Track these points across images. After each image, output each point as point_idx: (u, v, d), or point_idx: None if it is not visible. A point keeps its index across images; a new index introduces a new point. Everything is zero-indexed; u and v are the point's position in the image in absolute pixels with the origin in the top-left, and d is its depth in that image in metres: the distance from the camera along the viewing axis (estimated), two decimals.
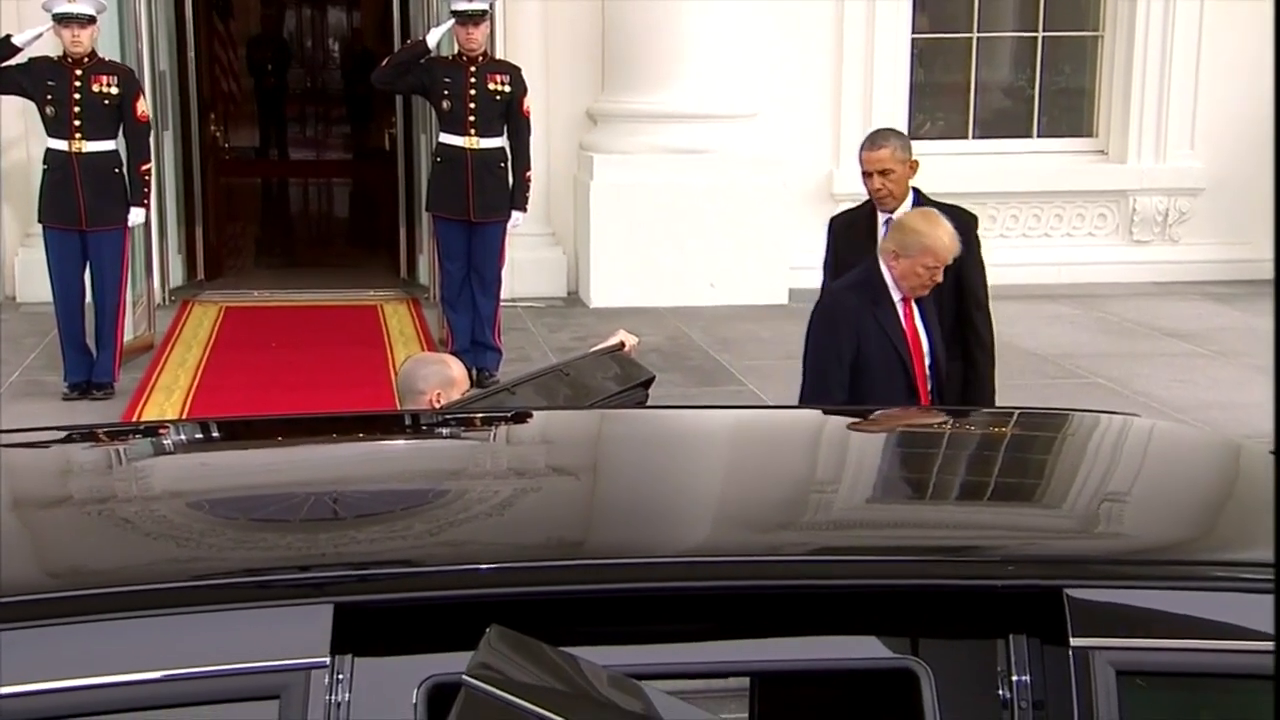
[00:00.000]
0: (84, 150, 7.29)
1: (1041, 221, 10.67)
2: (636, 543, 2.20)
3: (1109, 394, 7.41)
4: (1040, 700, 1.97)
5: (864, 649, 2.05)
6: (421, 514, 2.31)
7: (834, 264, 5.20)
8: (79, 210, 7.28)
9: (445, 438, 2.95)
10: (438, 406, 3.86)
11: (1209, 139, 10.67)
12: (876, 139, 5.19)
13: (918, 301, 4.54)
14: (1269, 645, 2.00)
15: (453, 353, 7.85)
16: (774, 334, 8.78)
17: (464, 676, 1.75)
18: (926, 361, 4.57)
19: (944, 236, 4.43)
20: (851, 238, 5.21)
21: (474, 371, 7.51)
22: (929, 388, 4.58)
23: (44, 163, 7.43)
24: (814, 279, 9.76)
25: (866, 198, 5.17)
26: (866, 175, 5.13)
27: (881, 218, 5.08)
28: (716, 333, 8.76)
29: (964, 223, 4.82)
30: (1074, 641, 1.91)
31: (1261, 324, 9.25)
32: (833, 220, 5.56)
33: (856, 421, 3.17)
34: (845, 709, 2.69)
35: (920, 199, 5.11)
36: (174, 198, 10.07)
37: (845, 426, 3.07)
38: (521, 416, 3.16)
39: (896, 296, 4.49)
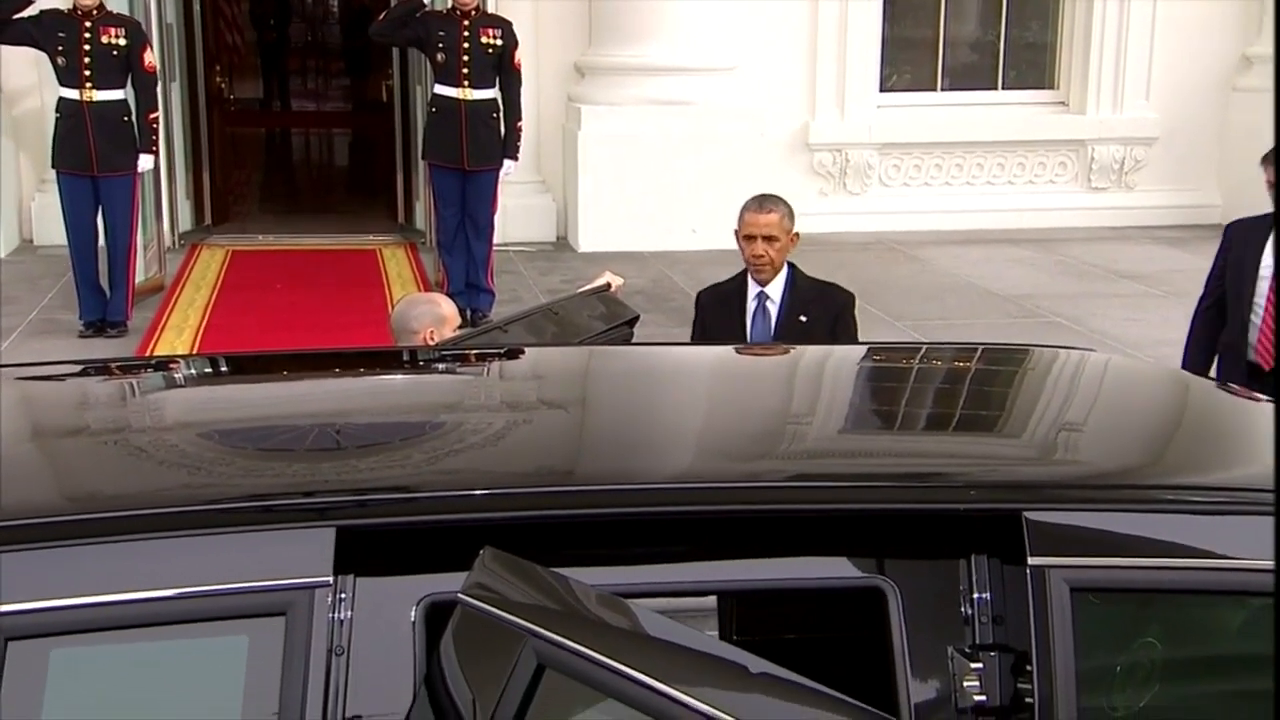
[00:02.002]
0: (94, 99, 7.21)
1: (1005, 169, 10.65)
2: (622, 470, 2.20)
3: (1067, 332, 7.43)
4: (999, 615, 1.98)
5: (835, 569, 2.06)
6: (419, 443, 2.31)
7: (700, 340, 4.56)
8: (90, 156, 7.23)
9: (441, 373, 2.94)
10: (430, 343, 3.84)
11: (1163, 91, 10.63)
12: (765, 202, 4.55)
13: None
14: (1212, 563, 2.02)
15: (448, 294, 7.83)
16: None
17: (460, 595, 1.75)
18: None
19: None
20: (720, 313, 4.60)
21: (468, 312, 7.50)
22: None
23: (56, 111, 7.36)
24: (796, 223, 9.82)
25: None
26: (748, 239, 4.48)
27: (753, 290, 4.52)
28: (698, 275, 8.70)
29: (841, 302, 4.54)
30: (1031, 561, 1.93)
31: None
32: (700, 295, 4.82)
33: (830, 357, 3.17)
34: (817, 626, 2.71)
35: (794, 275, 4.57)
36: (181, 146, 9.98)
37: (819, 362, 3.07)
38: (513, 353, 3.15)
39: None
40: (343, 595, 1.84)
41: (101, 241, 7.45)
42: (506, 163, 8.00)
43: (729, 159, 9.45)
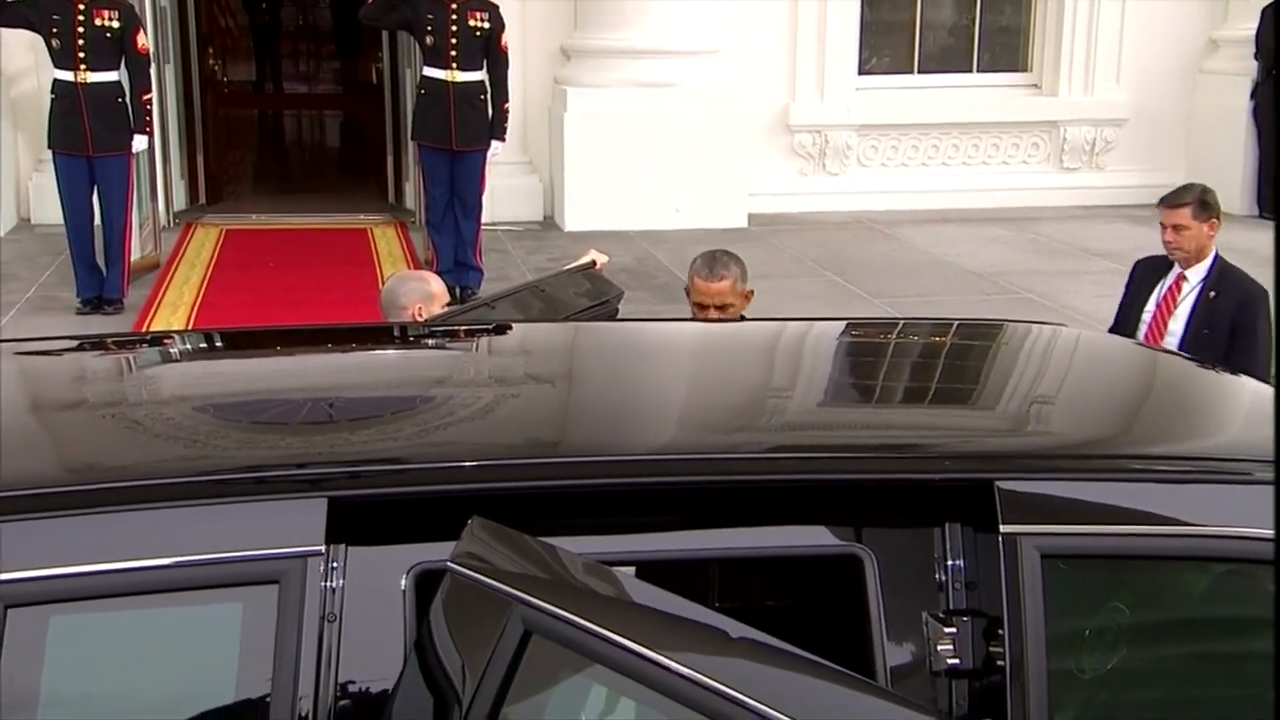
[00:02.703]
0: (89, 80, 7.16)
1: (980, 150, 10.64)
2: (608, 442, 2.20)
3: (1039, 308, 7.44)
4: (972, 582, 1.99)
5: (814, 538, 2.06)
6: (409, 417, 2.31)
7: None
8: (85, 137, 7.18)
9: (431, 348, 2.94)
10: (419, 320, 3.83)
11: (1133, 73, 10.63)
12: (716, 268, 4.02)
13: None
14: (1178, 530, 2.03)
15: (437, 272, 7.81)
16: None
17: (449, 563, 1.75)
18: None
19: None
20: None
21: (457, 290, 7.48)
22: None
23: (52, 92, 7.30)
24: (772, 204, 9.82)
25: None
26: (700, 307, 4.01)
27: None
28: (681, 254, 8.71)
29: None
30: (1003, 529, 1.94)
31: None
32: None
33: (809, 332, 3.17)
34: (796, 593, 2.72)
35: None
36: (175, 127, 9.91)
37: (799, 337, 3.07)
38: (501, 329, 3.15)
39: None
40: (335, 564, 1.84)
41: (97, 220, 7.39)
42: (494, 143, 7.97)
43: (711, 140, 9.43)
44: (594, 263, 4.11)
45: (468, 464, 2.01)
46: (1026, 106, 10.68)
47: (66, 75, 7.17)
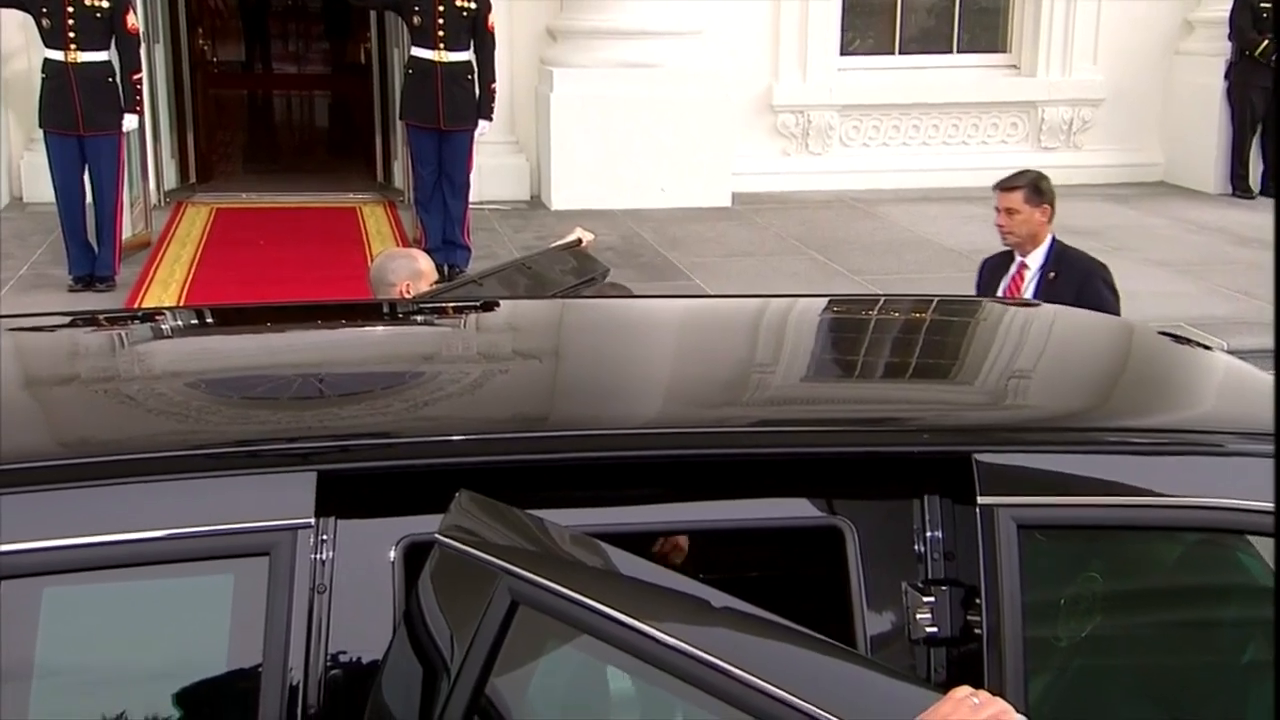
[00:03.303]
0: (79, 60, 7.10)
1: (960, 130, 10.63)
2: (593, 416, 2.20)
3: None
4: (950, 552, 2.00)
5: (796, 510, 2.07)
6: (398, 392, 2.30)
7: None
8: (76, 116, 7.13)
9: (420, 325, 2.92)
10: (408, 297, 3.82)
11: (1109, 54, 10.63)
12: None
13: None
14: (1152, 501, 2.04)
15: (426, 250, 7.79)
16: (718, 234, 8.75)
17: (437, 536, 1.75)
18: None
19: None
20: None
21: (445, 268, 7.44)
22: None
23: (43, 72, 7.24)
24: (756, 184, 9.80)
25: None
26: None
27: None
28: (666, 232, 8.71)
29: None
30: (981, 500, 1.94)
31: (1152, 221, 9.30)
32: None
33: (792, 308, 3.17)
34: (779, 564, 2.72)
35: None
36: (166, 106, 9.83)
37: (782, 313, 3.07)
38: (488, 305, 3.13)
39: None
40: (324, 537, 1.83)
41: (89, 199, 7.34)
42: (481, 123, 7.94)
43: (696, 120, 9.40)
44: (580, 240, 4.10)
45: (455, 438, 2.00)
46: (1005, 87, 10.67)
47: (57, 55, 7.11)
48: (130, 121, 7.40)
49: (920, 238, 8.77)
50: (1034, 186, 4.97)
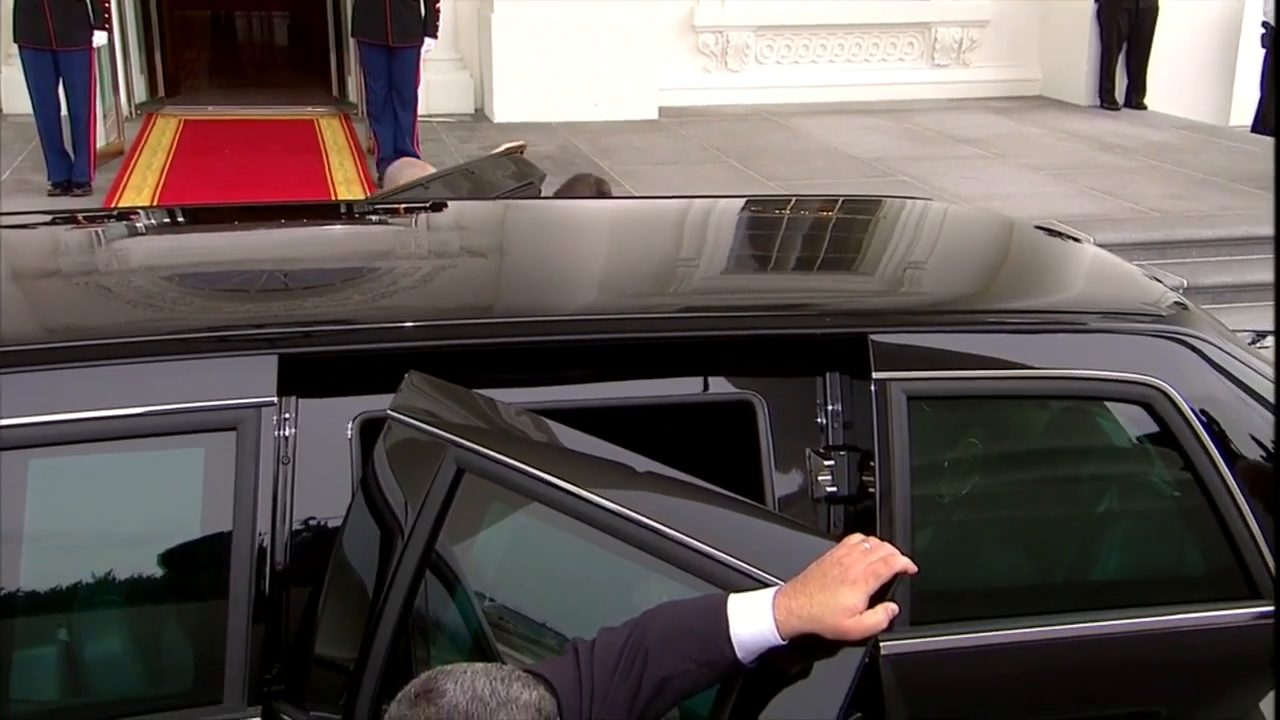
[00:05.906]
0: None
1: (862, 49, 10.54)
2: (533, 305, 2.18)
3: (913, 188, 7.46)
4: (849, 422, 2.02)
5: (714, 386, 2.07)
6: (354, 283, 2.26)
7: None
8: (49, 32, 6.85)
9: (373, 224, 2.86)
10: None
11: None
12: None
13: None
14: (1024, 373, 2.07)
15: (379, 160, 7.62)
16: (646, 144, 8.65)
17: (389, 412, 1.74)
18: None
19: None
20: None
21: None
22: None
23: None
24: (680, 98, 9.67)
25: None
26: None
27: None
28: (599, 143, 8.59)
29: None
30: (875, 375, 1.96)
31: (1031, 131, 9.34)
32: None
33: (713, 209, 3.14)
34: (699, 435, 2.74)
35: None
36: (134, 26, 9.45)
37: (703, 213, 3.04)
38: (437, 206, 3.07)
39: None
40: (287, 414, 1.81)
41: (65, 110, 7.09)
42: (427, 40, 7.74)
43: (625, 40, 9.23)
44: (523, 146, 4.00)
45: (407, 324, 1.97)
46: (902, 9, 10.56)
47: None
48: (99, 38, 7.12)
49: (828, 147, 8.73)
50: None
